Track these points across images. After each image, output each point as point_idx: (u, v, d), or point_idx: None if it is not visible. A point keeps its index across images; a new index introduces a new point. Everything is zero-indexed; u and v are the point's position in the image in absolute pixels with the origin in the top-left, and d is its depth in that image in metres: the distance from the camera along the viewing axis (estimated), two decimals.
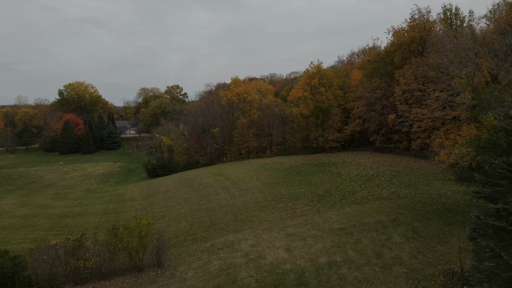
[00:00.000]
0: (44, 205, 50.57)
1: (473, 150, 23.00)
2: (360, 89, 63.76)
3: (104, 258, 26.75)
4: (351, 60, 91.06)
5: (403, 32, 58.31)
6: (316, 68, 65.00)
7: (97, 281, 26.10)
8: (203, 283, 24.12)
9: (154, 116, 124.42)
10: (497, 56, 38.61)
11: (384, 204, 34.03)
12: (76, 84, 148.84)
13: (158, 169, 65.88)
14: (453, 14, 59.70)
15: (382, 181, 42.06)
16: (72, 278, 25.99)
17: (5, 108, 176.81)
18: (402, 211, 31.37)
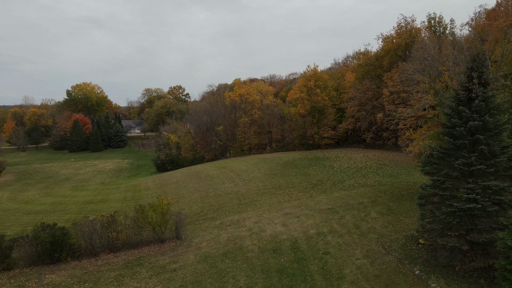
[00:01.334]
0: (67, 195, 56.26)
1: (434, 142, 28.65)
2: (353, 90, 69.42)
3: (133, 231, 32.42)
4: (346, 62, 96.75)
5: (391, 38, 64.03)
6: (312, 71, 70.69)
7: (127, 250, 31.76)
8: (215, 250, 29.82)
9: (159, 116, 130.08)
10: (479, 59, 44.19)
11: (368, 190, 39.73)
12: (83, 85, 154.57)
13: (167, 164, 71.58)
14: (437, 22, 65.34)
15: (368, 172, 47.73)
16: (107, 247, 31.64)
17: (13, 108, 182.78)
18: (381, 195, 37.07)
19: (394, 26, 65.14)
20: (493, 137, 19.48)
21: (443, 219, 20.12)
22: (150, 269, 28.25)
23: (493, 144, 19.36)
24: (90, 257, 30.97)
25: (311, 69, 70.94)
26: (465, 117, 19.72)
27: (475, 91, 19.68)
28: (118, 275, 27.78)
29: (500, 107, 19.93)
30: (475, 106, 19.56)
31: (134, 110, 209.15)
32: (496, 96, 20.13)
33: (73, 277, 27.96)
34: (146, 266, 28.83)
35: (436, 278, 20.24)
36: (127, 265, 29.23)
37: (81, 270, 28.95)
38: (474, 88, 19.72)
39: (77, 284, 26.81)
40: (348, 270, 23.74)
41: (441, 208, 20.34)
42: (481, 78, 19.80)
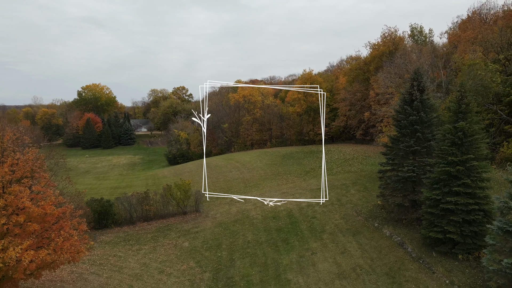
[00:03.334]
0: (93, 183, 64.58)
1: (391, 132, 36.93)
2: (344, 92, 77.71)
3: (161, 205, 40.78)
4: (340, 65, 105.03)
5: (378, 46, 72.29)
6: (308, 74, 79.07)
7: (157, 220, 40.11)
8: (227, 219, 38.22)
9: (166, 115, 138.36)
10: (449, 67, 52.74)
11: (351, 175, 48.12)
12: (93, 86, 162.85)
13: (178, 157, 79.97)
14: (418, 32, 73.68)
15: (354, 162, 56.11)
16: (141, 217, 39.98)
17: (25, 107, 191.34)
18: (361, 178, 45.46)
19: (380, 35, 73.51)
20: (426, 127, 27.85)
21: (392, 185, 28.54)
22: (178, 232, 36.69)
23: (426, 133, 27.72)
24: (129, 225, 39.35)
25: (307, 73, 79.29)
26: (408, 113, 28.10)
27: (415, 95, 28.06)
28: (153, 236, 36.27)
29: (432, 107, 28.28)
30: (414, 106, 27.94)
31: (139, 110, 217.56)
32: (430, 99, 28.46)
33: (119, 237, 36.41)
34: (174, 230, 37.26)
35: (388, 227, 28.67)
36: (159, 230, 37.67)
37: (124, 233, 37.39)
38: (414, 93, 28.11)
39: (123, 242, 35.28)
40: (328, 226, 32.15)
41: (392, 178, 28.75)
42: (419, 86, 28.18)
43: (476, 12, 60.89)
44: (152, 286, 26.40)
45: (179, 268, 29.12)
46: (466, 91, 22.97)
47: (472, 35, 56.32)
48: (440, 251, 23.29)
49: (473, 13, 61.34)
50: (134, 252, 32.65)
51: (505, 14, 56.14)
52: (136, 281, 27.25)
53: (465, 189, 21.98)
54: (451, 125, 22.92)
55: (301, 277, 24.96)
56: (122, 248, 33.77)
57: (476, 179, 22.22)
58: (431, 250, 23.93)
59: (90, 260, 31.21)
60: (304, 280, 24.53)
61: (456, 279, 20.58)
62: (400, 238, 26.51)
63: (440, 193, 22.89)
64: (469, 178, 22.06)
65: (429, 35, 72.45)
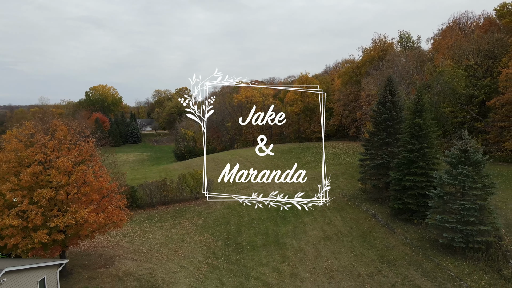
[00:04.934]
0: None
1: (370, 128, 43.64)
2: (338, 93, 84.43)
3: (177, 191, 47.45)
4: (336, 68, 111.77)
5: (369, 51, 79.03)
6: (305, 77, 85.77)
7: (174, 204, 46.81)
8: (234, 203, 44.91)
9: (170, 115, 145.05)
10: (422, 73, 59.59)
11: (341, 166, 54.85)
12: (100, 87, 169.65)
13: (185, 153, 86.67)
14: (406, 38, 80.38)
15: (345, 156, 62.84)
16: (160, 202, 46.66)
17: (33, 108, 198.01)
18: (349, 169, 52.18)
19: (372, 41, 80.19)
20: (396, 124, 34.57)
21: (370, 170, 35.28)
22: (192, 213, 43.43)
23: (396, 128, 34.44)
24: (150, 208, 46.05)
25: (303, 75, 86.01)
26: (382, 112, 34.83)
27: (387, 98, 34.79)
28: (171, 216, 43.01)
29: (401, 107, 34.97)
30: (387, 106, 34.66)
31: (142, 110, 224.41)
32: (399, 101, 35.18)
33: (142, 217, 43.14)
34: (189, 212, 44.00)
35: (366, 204, 35.42)
36: (176, 211, 44.42)
37: (146, 214, 44.12)
38: (387, 95, 34.83)
39: (147, 220, 42.02)
40: (319, 207, 38.86)
41: (369, 164, 35.50)
42: (391, 90, 34.90)
43: (455, 21, 67.49)
44: (176, 250, 33.13)
45: (196, 238, 35.87)
46: (421, 94, 29.63)
47: (450, 42, 63.00)
48: (401, 219, 30.01)
49: (453, 22, 67.96)
50: (158, 228, 39.40)
51: (481, 24, 62.79)
52: (162, 247, 33.98)
53: (420, 170, 28.69)
54: (410, 121, 29.65)
55: (295, 240, 31.72)
56: (147, 225, 40.52)
57: (429, 162, 28.92)
58: (395, 218, 30.65)
59: (122, 233, 37.95)
60: (297, 242, 31.29)
61: (410, 236, 27.31)
62: (374, 212, 33.27)
63: (402, 174, 29.62)
64: (423, 162, 28.77)
65: (417, 41, 79.14)
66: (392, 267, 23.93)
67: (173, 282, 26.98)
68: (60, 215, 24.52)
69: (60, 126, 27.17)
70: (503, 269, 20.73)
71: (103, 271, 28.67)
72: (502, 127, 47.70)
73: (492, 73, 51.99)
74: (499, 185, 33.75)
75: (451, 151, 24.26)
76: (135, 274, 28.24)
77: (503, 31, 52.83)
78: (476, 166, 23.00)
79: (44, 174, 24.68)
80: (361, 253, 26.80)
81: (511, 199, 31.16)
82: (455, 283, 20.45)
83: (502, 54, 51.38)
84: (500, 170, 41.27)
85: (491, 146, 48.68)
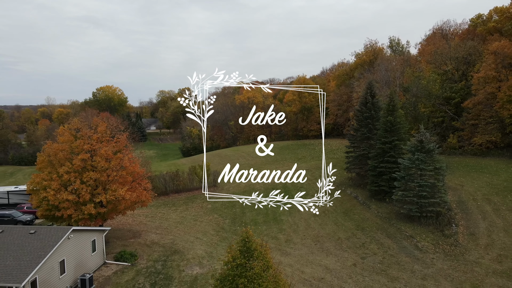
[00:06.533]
0: None
1: None
2: (333, 94, 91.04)
3: (188, 181, 54.05)
4: (332, 70, 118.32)
5: (362, 55, 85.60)
6: (302, 78, 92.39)
7: (185, 192, 53.43)
8: (238, 190, 51.60)
9: (175, 115, 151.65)
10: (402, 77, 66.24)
11: (332, 160, 61.34)
12: (106, 87, 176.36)
13: (191, 150, 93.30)
14: (396, 43, 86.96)
15: (337, 151, 69.45)
16: (173, 190, 53.26)
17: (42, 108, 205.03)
18: (339, 162, 58.50)
19: (363, 45, 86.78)
20: (375, 121, 41.19)
21: (353, 160, 41.93)
22: (202, 199, 50.09)
23: (375, 125, 41.04)
24: (164, 195, 52.65)
25: (301, 77, 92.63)
26: (363, 112, 41.45)
27: (368, 99, 41.41)
28: (184, 202, 49.68)
29: (380, 107, 41.55)
30: (368, 106, 41.27)
31: (146, 110, 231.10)
32: (378, 102, 41.77)
33: (158, 203, 49.76)
34: (199, 198, 50.65)
35: (350, 189, 42.08)
36: (187, 198, 51.08)
37: (161, 200, 50.73)
38: (368, 97, 41.46)
39: (163, 205, 48.65)
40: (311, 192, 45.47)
41: (353, 155, 42.13)
42: (371, 93, 41.51)
43: (438, 28, 74.04)
44: (191, 226, 39.80)
45: (207, 218, 42.54)
46: (393, 96, 36.25)
47: (433, 48, 69.55)
48: (377, 198, 36.64)
49: (436, 29, 74.50)
50: (173, 211, 46.07)
51: (460, 33, 69.38)
52: (179, 224, 40.63)
53: (391, 158, 35.29)
54: (384, 119, 36.28)
55: (290, 217, 38.37)
56: (163, 208, 47.19)
57: (398, 152, 35.51)
58: (372, 198, 37.29)
59: (143, 214, 44.61)
60: (291, 219, 37.94)
61: (381, 211, 33.97)
62: (356, 194, 39.92)
63: (377, 162, 36.24)
64: (394, 152, 35.38)
65: (406, 46, 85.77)
66: (364, 232, 30.57)
67: (191, 248, 33.61)
68: (103, 193, 31.13)
69: (100, 122, 33.84)
70: (445, 230, 27.30)
71: (133, 241, 35.32)
72: (473, 125, 54.27)
73: (467, 77, 58.59)
74: (462, 172, 40.64)
75: (411, 142, 30.89)
76: (160, 243, 34.88)
77: (476, 39, 59.36)
78: (429, 153, 29.57)
79: (90, 160, 31.31)
80: (342, 224, 33.45)
81: (467, 183, 37.79)
82: (409, 240, 27.02)
83: (476, 60, 58.00)
84: (468, 162, 47.99)
85: (465, 141, 55.28)
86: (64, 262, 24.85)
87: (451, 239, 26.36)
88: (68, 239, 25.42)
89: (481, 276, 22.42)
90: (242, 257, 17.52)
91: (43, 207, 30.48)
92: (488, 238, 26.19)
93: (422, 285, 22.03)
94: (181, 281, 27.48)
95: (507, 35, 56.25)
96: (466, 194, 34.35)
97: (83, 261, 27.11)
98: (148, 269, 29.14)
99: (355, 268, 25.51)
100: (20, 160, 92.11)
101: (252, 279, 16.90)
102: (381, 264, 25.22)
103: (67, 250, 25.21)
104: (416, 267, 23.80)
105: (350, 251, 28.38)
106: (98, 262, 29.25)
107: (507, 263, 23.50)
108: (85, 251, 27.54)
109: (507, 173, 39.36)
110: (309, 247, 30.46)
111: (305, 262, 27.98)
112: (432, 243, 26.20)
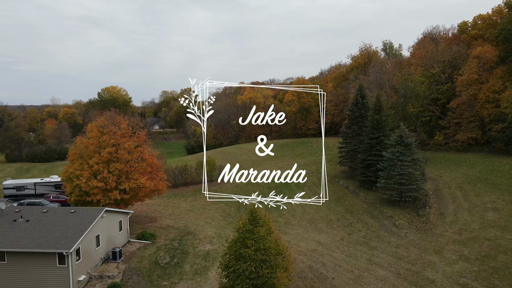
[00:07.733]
0: None
1: None
2: (330, 95, 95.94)
3: (195, 175, 58.92)
4: (329, 72, 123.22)
5: (357, 58, 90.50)
6: (301, 80, 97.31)
7: (193, 185, 58.32)
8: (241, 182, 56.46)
9: (178, 114, 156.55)
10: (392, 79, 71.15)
11: (329, 156, 66.35)
12: (111, 88, 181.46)
13: (195, 148, 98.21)
14: (389, 47, 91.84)
15: (333, 148, 74.19)
16: (182, 183, 58.13)
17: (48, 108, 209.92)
18: (335, 158, 63.42)
19: (358, 49, 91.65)
20: (364, 119, 46.08)
21: (346, 154, 46.83)
22: (209, 191, 54.93)
23: (365, 122, 45.93)
24: (174, 188, 57.52)
25: (300, 79, 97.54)
26: (354, 111, 46.32)
27: (358, 100, 46.30)
28: (192, 193, 54.61)
29: (369, 107, 46.41)
30: (358, 106, 46.14)
31: (149, 110, 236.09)
32: (368, 102, 46.64)
33: (169, 194, 54.57)
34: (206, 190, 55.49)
35: (343, 180, 46.98)
36: (195, 190, 56.00)
37: (171, 192, 55.57)
38: (358, 98, 46.35)
39: (173, 196, 53.56)
40: (307, 184, 50.42)
41: (345, 150, 47.02)
42: (361, 94, 46.39)
43: (428, 33, 78.88)
44: (200, 213, 44.69)
45: (214, 207, 47.45)
46: (379, 97, 41.10)
47: (423, 52, 74.42)
48: (365, 187, 41.54)
49: (427, 34, 79.33)
50: (183, 201, 50.97)
51: (448, 38, 74.23)
52: (190, 212, 45.52)
53: (377, 152, 40.17)
54: (371, 117, 41.16)
55: (289, 205, 43.25)
56: (174, 199, 52.08)
57: (383, 146, 40.37)
58: (361, 187, 42.20)
59: (157, 204, 49.49)
60: (290, 206, 42.83)
61: (368, 198, 38.90)
62: (347, 184, 44.83)
63: (366, 155, 41.12)
64: (379, 146, 40.25)
65: (398, 49, 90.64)
66: (352, 214, 35.49)
67: (202, 230, 38.51)
68: (126, 182, 36.02)
69: (123, 120, 38.76)
70: (420, 211, 32.21)
71: (151, 225, 40.21)
72: (457, 123, 59.15)
73: (453, 80, 63.47)
74: (443, 165, 45.49)
75: (392, 137, 35.78)
76: (174, 226, 39.77)
77: (461, 45, 64.23)
78: (407, 147, 34.45)
79: (115, 153, 36.21)
80: (334, 209, 38.37)
81: (446, 174, 42.69)
82: (388, 219, 31.92)
83: (461, 63, 62.87)
84: (451, 157, 52.91)
85: (449, 138, 60.18)
86: (99, 236, 29.74)
87: (423, 218, 31.24)
88: (102, 217, 30.30)
89: (443, 244, 27.34)
90: (250, 224, 22.32)
91: (75, 193, 35.36)
92: (454, 217, 31.10)
93: (395, 252, 26.96)
94: (196, 255, 32.39)
95: (489, 41, 61.11)
96: (442, 183, 39.24)
97: (112, 238, 32.01)
98: (166, 246, 34.04)
99: (342, 241, 30.40)
100: (34, 157, 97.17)
101: (258, 240, 21.68)
102: (364, 238, 30.10)
103: (101, 227, 30.10)
104: (392, 239, 28.71)
105: (339, 229, 33.26)
106: (123, 240, 34.14)
107: (465, 234, 28.41)
108: (114, 229, 32.44)
109: (481, 166, 44.27)
110: (305, 228, 35.37)
111: (301, 239, 32.88)
112: (407, 221, 31.10)
